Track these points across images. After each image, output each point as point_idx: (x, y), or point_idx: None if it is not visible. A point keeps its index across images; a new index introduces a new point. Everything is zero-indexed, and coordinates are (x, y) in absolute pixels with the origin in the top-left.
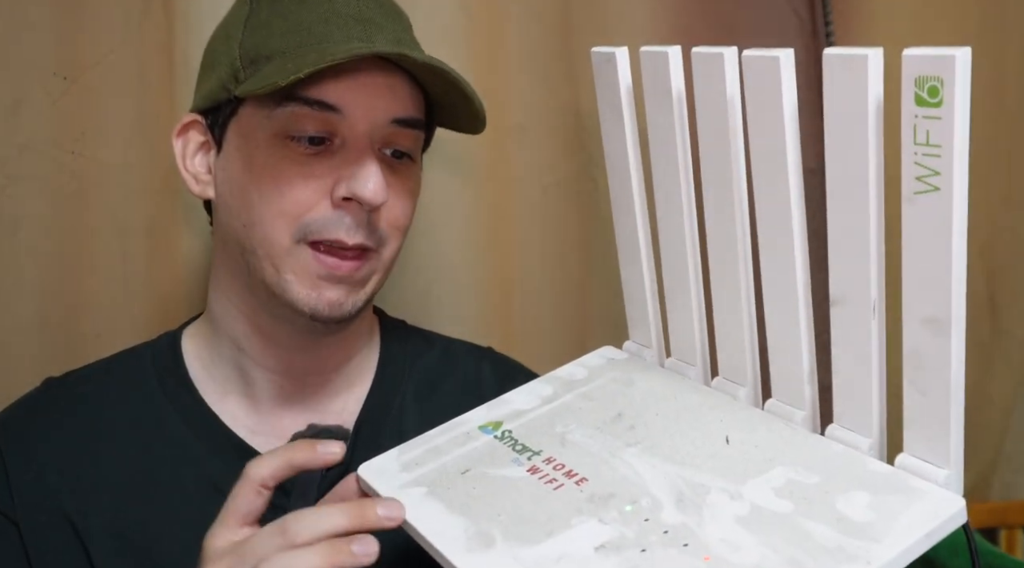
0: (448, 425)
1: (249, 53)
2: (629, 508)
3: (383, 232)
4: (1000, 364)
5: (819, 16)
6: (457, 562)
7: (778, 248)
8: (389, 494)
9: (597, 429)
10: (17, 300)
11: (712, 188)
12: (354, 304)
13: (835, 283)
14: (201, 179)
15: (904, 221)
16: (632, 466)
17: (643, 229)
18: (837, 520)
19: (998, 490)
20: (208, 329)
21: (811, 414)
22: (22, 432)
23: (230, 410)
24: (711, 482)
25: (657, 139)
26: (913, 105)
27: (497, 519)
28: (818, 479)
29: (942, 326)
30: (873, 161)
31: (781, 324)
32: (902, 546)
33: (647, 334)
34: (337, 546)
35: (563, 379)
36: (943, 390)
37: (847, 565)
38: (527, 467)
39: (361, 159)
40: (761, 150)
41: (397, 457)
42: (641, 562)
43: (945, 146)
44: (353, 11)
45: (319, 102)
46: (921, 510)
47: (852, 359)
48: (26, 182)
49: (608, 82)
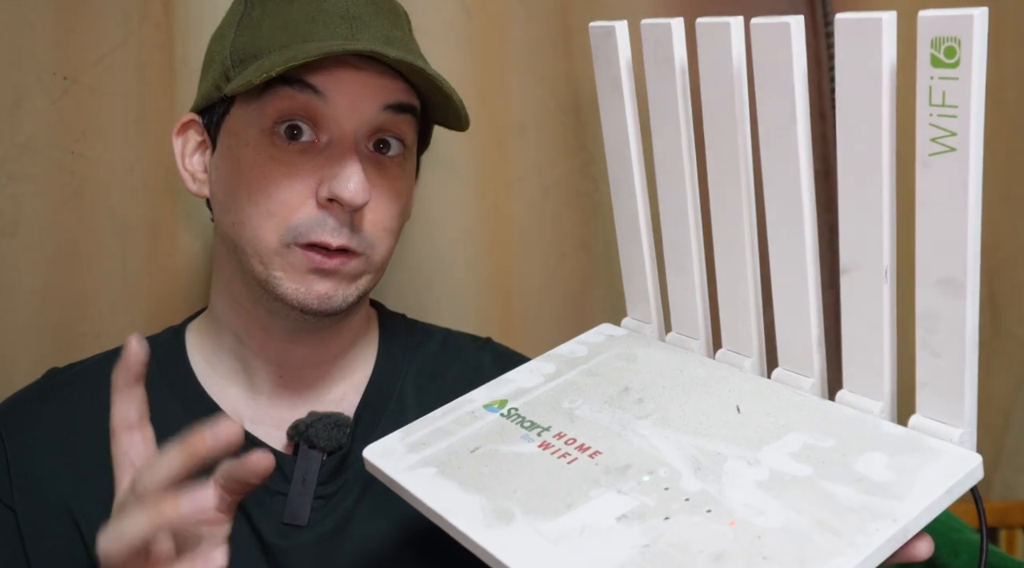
0: (451, 406)
1: (239, 52)
2: (647, 478)
3: (368, 234)
4: (1000, 364)
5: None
6: (478, 539)
7: (788, 217)
8: (398, 476)
9: (605, 403)
10: (17, 300)
11: (718, 159)
12: (344, 298)
13: (846, 251)
14: (198, 177)
15: (919, 184)
16: (645, 438)
17: (643, 205)
18: (857, 481)
19: (998, 490)
20: (210, 323)
21: (820, 381)
22: (23, 420)
23: (231, 401)
24: (727, 450)
25: (659, 112)
26: (929, 66)
27: (513, 495)
28: (834, 442)
29: (958, 287)
30: (887, 126)
31: (790, 293)
32: (925, 503)
33: (646, 310)
34: (161, 505)
35: (564, 357)
36: (958, 351)
37: (874, 523)
38: (538, 443)
39: (344, 159)
40: (770, 119)
41: (402, 439)
42: (666, 529)
43: (962, 106)
44: (341, 9)
45: (300, 81)
46: (939, 468)
47: (863, 325)
48: (26, 182)
49: (607, 57)
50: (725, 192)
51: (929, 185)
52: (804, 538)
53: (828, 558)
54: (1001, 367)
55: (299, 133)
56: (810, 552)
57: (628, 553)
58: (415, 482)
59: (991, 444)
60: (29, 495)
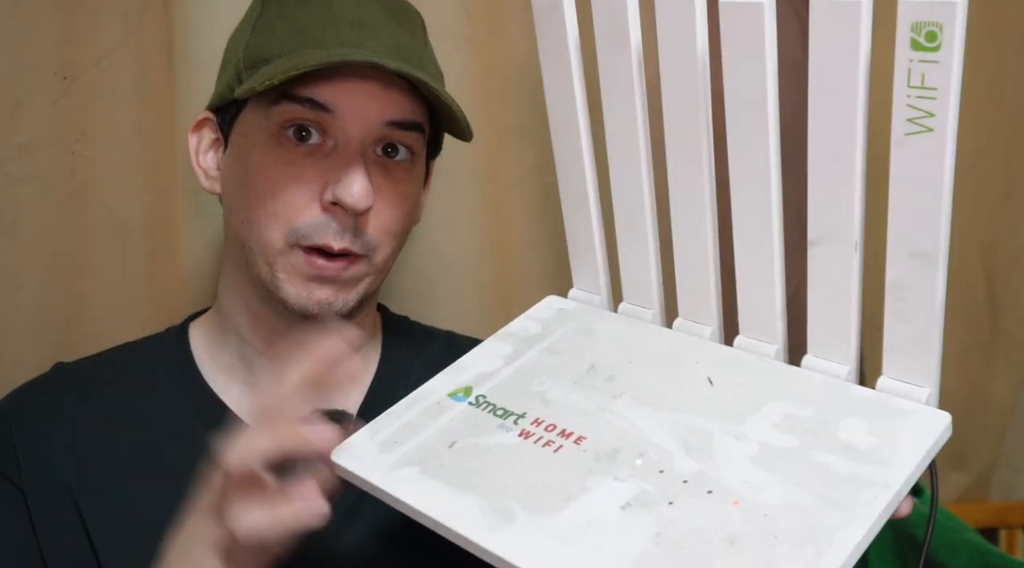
0: (412, 397)
1: (251, 55)
2: (639, 462)
3: (371, 238)
4: (1000, 364)
5: None
6: (484, 543)
7: (754, 190)
8: (376, 480)
9: (575, 384)
10: (17, 300)
11: (677, 131)
12: (344, 303)
13: (815, 225)
14: (211, 175)
15: (893, 161)
16: (626, 418)
17: (591, 175)
18: (843, 449)
19: (998, 490)
20: (215, 320)
21: (783, 348)
22: (29, 409)
23: (235, 397)
24: (711, 425)
25: (611, 84)
26: (908, 49)
27: (507, 491)
28: (812, 410)
29: (930, 259)
30: (861, 110)
31: (755, 262)
32: (911, 465)
33: (595, 280)
34: (285, 426)
35: (519, 335)
36: (927, 317)
37: (869, 491)
38: (517, 432)
39: (349, 164)
40: (738, 96)
41: (370, 438)
42: (673, 515)
43: (942, 89)
44: (351, 15)
45: (310, 100)
46: (915, 429)
47: (830, 294)
48: (26, 182)
49: (552, 28)
50: (685, 165)
51: (904, 163)
52: (808, 513)
53: (836, 531)
54: (1001, 367)
55: (307, 135)
56: (818, 526)
57: (643, 545)
58: (400, 487)
59: (990, 444)
60: (37, 481)
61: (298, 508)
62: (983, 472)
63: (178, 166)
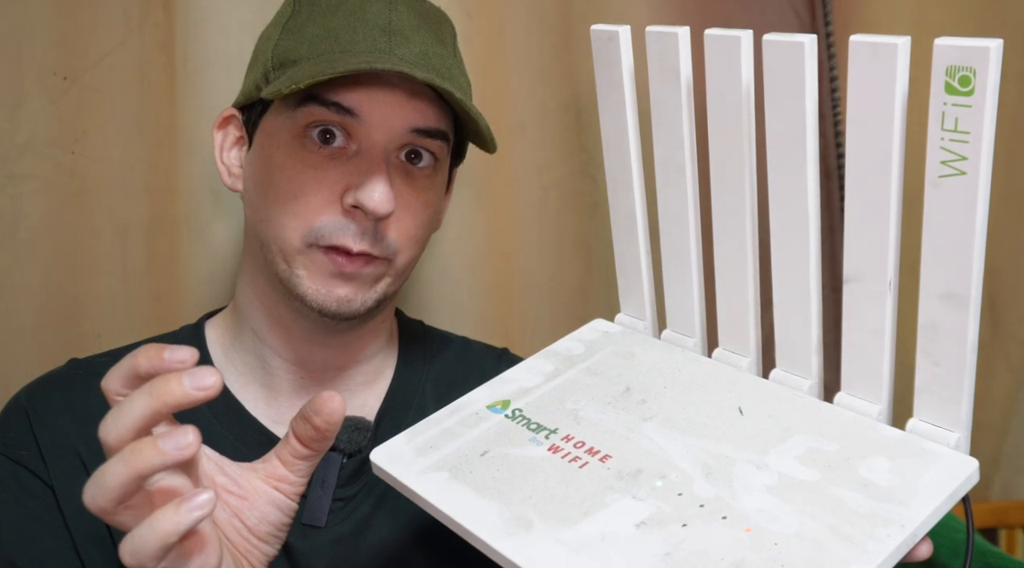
0: (453, 406)
1: (280, 55)
2: (660, 483)
3: (392, 242)
4: (1000, 364)
5: (819, 15)
6: (499, 547)
7: (793, 224)
8: (408, 480)
9: (609, 404)
10: (17, 300)
11: (722, 165)
12: (363, 302)
13: (850, 263)
14: (233, 172)
15: (927, 203)
16: (653, 440)
17: (640, 204)
18: (863, 486)
19: (998, 490)
20: (232, 319)
21: (817, 383)
22: (47, 403)
23: (251, 398)
24: (734, 453)
25: (662, 117)
26: (943, 93)
27: (529, 501)
28: (837, 446)
29: (961, 301)
30: (898, 147)
31: (793, 297)
32: (931, 508)
33: (641, 307)
34: (139, 447)
35: (561, 354)
36: (958, 360)
37: (884, 529)
38: (547, 446)
39: (372, 169)
40: (779, 132)
41: (408, 442)
42: (685, 537)
43: (975, 133)
44: (382, 21)
45: (336, 104)
46: (939, 472)
47: (864, 332)
48: (26, 182)
49: (609, 61)
50: (729, 200)
51: (938, 204)
52: (819, 545)
53: (844, 565)
54: (1001, 367)
55: (332, 138)
56: (826, 560)
57: (650, 561)
58: (429, 488)
59: (991, 444)
60: (62, 474)
61: (177, 508)
62: (984, 472)
63: (178, 166)
